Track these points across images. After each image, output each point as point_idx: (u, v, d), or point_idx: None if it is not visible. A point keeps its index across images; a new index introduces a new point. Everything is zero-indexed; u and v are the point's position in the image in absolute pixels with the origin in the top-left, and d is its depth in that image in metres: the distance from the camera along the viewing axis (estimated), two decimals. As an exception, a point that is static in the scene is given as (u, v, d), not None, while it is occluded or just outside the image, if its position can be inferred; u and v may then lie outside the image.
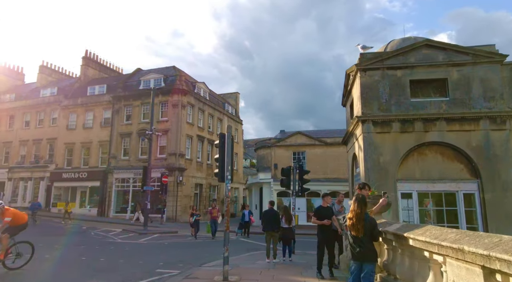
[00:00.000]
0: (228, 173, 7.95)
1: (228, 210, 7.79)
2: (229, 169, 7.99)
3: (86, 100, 34.63)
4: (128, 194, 30.75)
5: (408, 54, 9.99)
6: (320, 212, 8.05)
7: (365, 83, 9.86)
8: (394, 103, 9.69)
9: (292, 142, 25.94)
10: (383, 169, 9.32)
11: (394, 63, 9.96)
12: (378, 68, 9.95)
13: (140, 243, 15.92)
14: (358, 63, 10.05)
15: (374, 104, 9.69)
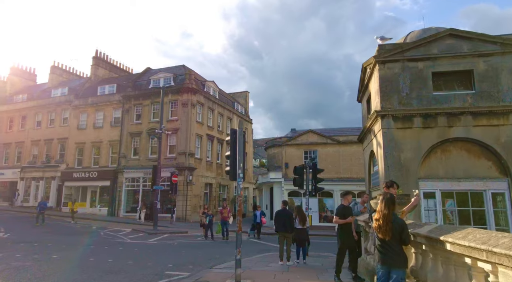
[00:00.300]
0: (240, 171, 7.51)
1: (241, 210, 7.36)
2: (241, 166, 7.55)
3: (96, 100, 34.67)
4: (138, 194, 30.63)
5: (430, 45, 9.40)
6: (344, 211, 7.55)
7: (384, 76, 9.31)
8: (416, 97, 9.11)
9: (304, 140, 25.38)
10: (404, 167, 8.76)
11: (415, 55, 9.38)
12: (398, 60, 9.39)
13: (150, 243, 15.62)
14: (376, 55, 9.50)
15: (394, 98, 9.13)
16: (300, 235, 10.40)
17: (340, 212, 7.57)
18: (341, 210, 7.60)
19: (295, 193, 25.42)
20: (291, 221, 10.50)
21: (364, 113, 12.27)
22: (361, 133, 12.03)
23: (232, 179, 7.76)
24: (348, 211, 7.66)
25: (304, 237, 10.40)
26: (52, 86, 39.06)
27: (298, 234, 10.41)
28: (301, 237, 10.39)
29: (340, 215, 7.47)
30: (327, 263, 10.90)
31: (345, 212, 7.57)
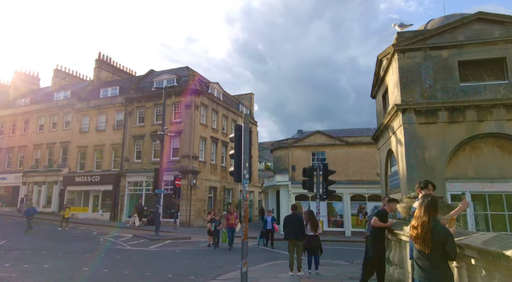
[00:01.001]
0: (246, 171, 6.64)
1: (247, 215, 6.48)
2: (247, 166, 6.68)
3: (99, 102, 34.10)
4: (141, 198, 29.82)
5: (455, 31, 8.49)
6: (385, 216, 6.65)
7: (405, 66, 8.41)
8: (440, 89, 8.19)
9: (311, 141, 24.44)
10: (429, 167, 7.83)
11: (439, 42, 8.47)
12: (420, 48, 8.49)
13: (150, 250, 14.76)
14: (395, 43, 8.59)
15: (416, 90, 8.23)
16: (312, 243, 9.47)
17: (381, 214, 6.65)
18: (383, 213, 6.69)
19: (302, 197, 24.46)
20: (301, 227, 9.60)
21: (380, 109, 11.34)
22: (377, 131, 11.10)
23: (237, 180, 6.90)
24: (387, 217, 6.78)
25: (317, 245, 9.47)
26: (55, 90, 38.63)
27: (309, 241, 9.49)
28: (313, 244, 9.46)
29: (379, 217, 6.56)
30: (342, 272, 9.95)
31: (385, 217, 6.68)
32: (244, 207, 6.60)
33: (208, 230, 16.34)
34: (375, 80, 11.32)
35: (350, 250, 17.24)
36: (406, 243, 5.51)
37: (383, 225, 6.56)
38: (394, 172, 9.69)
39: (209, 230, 16.04)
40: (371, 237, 6.73)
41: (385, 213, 6.68)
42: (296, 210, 10.24)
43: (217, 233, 15.46)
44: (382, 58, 10.13)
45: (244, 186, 6.62)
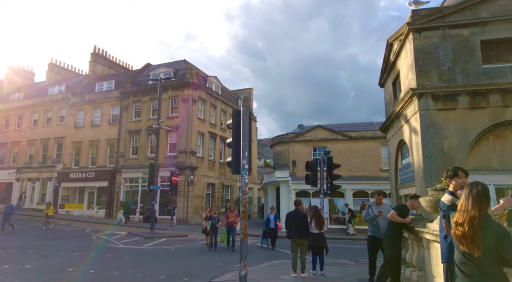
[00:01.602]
0: (245, 161, 5.83)
1: (246, 211, 5.68)
2: (246, 155, 5.88)
3: (94, 97, 33.21)
4: (137, 195, 29.06)
5: (477, 8, 7.66)
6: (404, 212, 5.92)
7: (420, 47, 7.60)
8: (460, 72, 7.39)
9: (312, 136, 23.64)
10: (448, 157, 7.05)
11: (459, 20, 7.64)
12: (437, 27, 7.68)
13: (144, 248, 13.97)
14: (410, 22, 7.77)
15: (433, 73, 7.42)
16: (317, 241, 8.67)
17: (401, 209, 5.90)
18: (403, 208, 5.95)
19: (303, 193, 23.68)
20: (305, 225, 8.81)
21: (389, 98, 10.54)
22: (386, 122, 10.30)
23: (235, 171, 6.09)
24: (407, 214, 6.03)
25: (322, 244, 8.67)
26: (49, 84, 37.69)
27: (314, 240, 8.69)
28: (318, 243, 8.66)
29: (398, 213, 5.80)
30: (349, 273, 9.17)
31: (405, 213, 5.93)
32: (243, 202, 5.80)
33: (203, 229, 14.54)
34: (384, 66, 10.52)
35: (354, 248, 16.48)
36: (431, 243, 4.72)
37: (401, 220, 5.80)
38: (407, 164, 8.90)
39: (205, 228, 14.28)
40: (388, 235, 5.96)
41: (405, 208, 5.91)
42: (299, 206, 9.41)
43: (214, 231, 13.73)
44: (392, 42, 9.32)
45: (243, 178, 5.81)
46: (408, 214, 5.96)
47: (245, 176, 5.81)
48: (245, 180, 5.79)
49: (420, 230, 4.89)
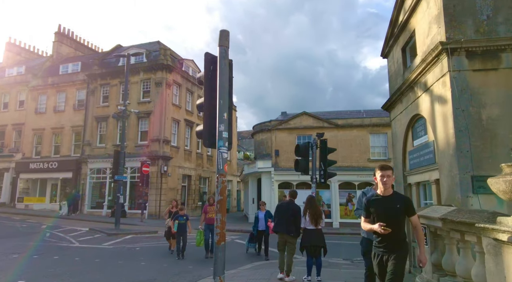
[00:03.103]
0: (223, 127, 3.95)
1: (224, 201, 3.81)
2: (225, 119, 3.99)
3: (58, 80, 30.17)
4: (105, 187, 26.58)
5: None
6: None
7: (450, -9, 5.97)
8: (504, 22, 5.78)
9: (297, 124, 21.96)
10: (488, 131, 5.46)
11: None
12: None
13: (103, 248, 11.87)
14: (435, -38, 6.11)
15: (468, 24, 5.79)
16: (312, 239, 6.95)
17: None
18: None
19: (287, 185, 22.06)
20: (296, 219, 7.18)
21: (395, 69, 8.88)
22: (392, 96, 8.64)
23: (208, 144, 4.20)
24: None
25: (318, 242, 6.95)
26: (7, 66, 34.08)
27: (309, 238, 6.99)
28: (314, 242, 6.94)
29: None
30: (350, 278, 7.54)
31: None
32: (220, 187, 3.91)
33: (166, 231, 10.87)
34: (389, 31, 8.88)
35: (342, 244, 15.04)
36: (506, 247, 3.03)
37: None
38: (422, 144, 7.28)
39: (168, 230, 10.63)
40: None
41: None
42: (294, 197, 7.73)
43: (182, 234, 9.95)
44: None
45: (220, 152, 3.93)
46: None
47: (223, 148, 3.93)
48: (223, 154, 3.91)
49: (489, 227, 3.19)
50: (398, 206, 3.61)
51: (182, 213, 10.18)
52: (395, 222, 3.54)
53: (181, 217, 10.08)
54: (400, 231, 3.64)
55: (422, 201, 7.72)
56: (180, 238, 9.94)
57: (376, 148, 21.34)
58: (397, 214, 3.60)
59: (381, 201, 3.67)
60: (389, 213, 3.58)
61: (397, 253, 3.53)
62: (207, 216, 10.12)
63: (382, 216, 3.58)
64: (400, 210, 3.61)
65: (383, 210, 3.62)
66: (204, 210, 10.38)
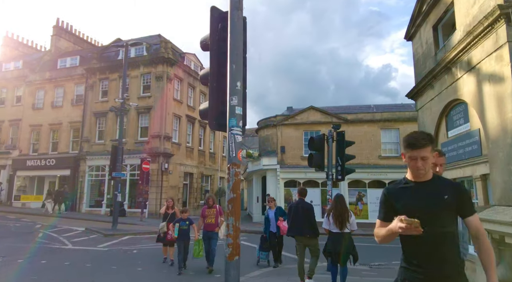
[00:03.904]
0: (236, 100, 2.95)
1: (238, 201, 2.81)
2: (238, 89, 3.00)
3: (56, 74, 29.25)
4: (104, 185, 25.67)
5: None
6: None
7: None
8: None
9: (304, 119, 20.94)
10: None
11: None
12: None
13: (97, 250, 10.91)
14: None
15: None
16: (336, 244, 6.00)
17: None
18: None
19: (293, 183, 21.06)
20: (311, 219, 6.40)
21: (423, 51, 7.85)
22: (422, 82, 7.61)
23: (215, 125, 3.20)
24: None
25: (345, 248, 5.98)
26: (4, 60, 33.19)
27: (332, 243, 6.04)
28: (338, 247, 5.98)
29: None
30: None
31: None
32: (233, 181, 2.90)
33: (159, 234, 8.96)
34: (416, 9, 7.85)
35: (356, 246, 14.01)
36: None
37: None
38: (463, 134, 6.27)
39: (163, 234, 8.70)
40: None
41: None
42: (304, 195, 6.93)
43: (184, 242, 7.94)
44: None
45: (233, 133, 2.92)
46: None
47: (236, 129, 2.92)
48: (236, 136, 2.91)
49: None
50: (445, 197, 2.04)
51: (184, 217, 8.11)
52: (440, 223, 2.00)
53: (184, 222, 7.98)
54: (452, 243, 2.05)
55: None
56: (181, 247, 7.85)
57: (388, 144, 20.29)
58: (444, 210, 2.03)
59: (414, 189, 2.12)
60: (430, 208, 2.03)
61: None
62: (206, 221, 8.01)
63: (416, 212, 1.95)
64: (448, 203, 2.03)
65: (417, 203, 2.06)
66: (202, 214, 8.18)
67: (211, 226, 7.96)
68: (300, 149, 20.75)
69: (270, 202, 8.87)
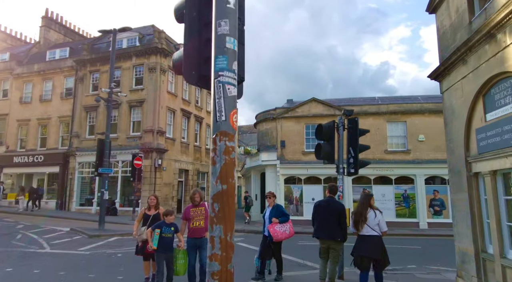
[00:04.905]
0: (227, 30, 1.75)
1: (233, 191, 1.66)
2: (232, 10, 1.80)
3: (44, 66, 27.90)
4: (95, 183, 24.38)
5: None
6: None
7: None
8: None
9: (305, 112, 19.74)
10: None
11: None
12: None
13: (77, 254, 9.72)
14: None
15: None
16: (361, 248, 5.12)
17: None
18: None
19: (293, 180, 19.90)
20: (341, 221, 5.52)
21: (455, 20, 6.67)
22: (451, 57, 6.44)
23: (193, 78, 2.01)
24: None
25: (372, 254, 5.00)
26: (-9, 53, 31.75)
27: (357, 246, 5.09)
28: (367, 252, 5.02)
29: None
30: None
31: None
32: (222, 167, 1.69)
33: (138, 245, 6.52)
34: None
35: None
36: None
37: None
38: (511, 115, 5.12)
39: (142, 245, 6.35)
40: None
41: None
42: (335, 193, 5.97)
43: (166, 254, 5.80)
44: None
45: (221, 82, 1.70)
46: None
47: (226, 75, 1.71)
48: (225, 87, 1.71)
49: None
50: None
51: (169, 221, 5.83)
52: None
53: (167, 228, 5.77)
54: None
55: (501, 197, 5.55)
56: (162, 264, 5.73)
57: (394, 138, 19.15)
58: None
59: None
60: None
61: None
62: (191, 224, 5.99)
63: None
64: None
65: None
66: (185, 215, 6.11)
67: (199, 230, 5.90)
68: (301, 143, 19.58)
69: (268, 198, 7.10)
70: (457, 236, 6.85)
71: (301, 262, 9.15)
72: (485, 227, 6.05)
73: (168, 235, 5.74)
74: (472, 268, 6.25)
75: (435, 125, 18.13)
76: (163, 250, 5.67)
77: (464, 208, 6.44)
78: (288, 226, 6.65)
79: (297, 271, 7.97)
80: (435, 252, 11.68)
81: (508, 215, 5.50)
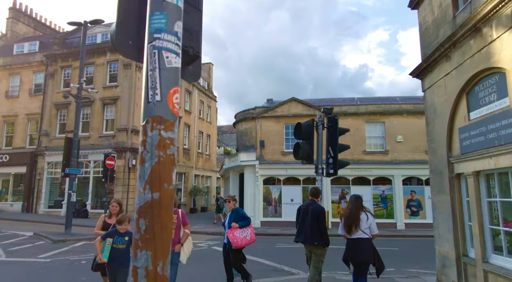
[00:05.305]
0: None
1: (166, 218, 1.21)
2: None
3: (11, 60, 26.41)
4: (65, 183, 23.14)
5: None
6: None
7: None
8: None
9: (285, 111, 19.43)
10: None
11: None
12: None
13: (35, 262, 8.92)
14: None
15: None
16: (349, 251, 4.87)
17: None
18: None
19: (272, 180, 19.54)
20: (320, 223, 5.21)
21: (438, 15, 6.45)
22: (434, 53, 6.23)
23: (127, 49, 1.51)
24: None
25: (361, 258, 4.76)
26: (-47, 45, 29.77)
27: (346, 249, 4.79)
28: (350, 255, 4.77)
29: None
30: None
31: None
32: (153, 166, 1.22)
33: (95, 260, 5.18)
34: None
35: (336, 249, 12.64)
36: None
37: None
38: (495, 114, 4.88)
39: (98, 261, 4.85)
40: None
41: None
42: (317, 196, 5.59)
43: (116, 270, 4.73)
44: None
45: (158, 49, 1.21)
46: None
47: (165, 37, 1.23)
48: (164, 55, 1.23)
49: None
50: None
51: (122, 230, 4.81)
52: None
53: (120, 237, 4.81)
54: None
55: (484, 199, 5.32)
56: (114, 279, 4.78)
57: (373, 138, 19.13)
58: None
59: None
60: None
61: None
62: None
63: None
64: None
65: None
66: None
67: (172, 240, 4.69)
68: (280, 143, 19.26)
69: (228, 202, 6.34)
70: (437, 239, 6.62)
71: (278, 266, 8.75)
72: (467, 230, 5.83)
73: (120, 246, 4.76)
74: (453, 272, 6.02)
75: (413, 126, 18.22)
76: (115, 263, 4.71)
77: (445, 210, 6.22)
78: (249, 231, 5.99)
79: (273, 277, 7.55)
80: (414, 254, 11.56)
81: (490, 217, 5.28)
